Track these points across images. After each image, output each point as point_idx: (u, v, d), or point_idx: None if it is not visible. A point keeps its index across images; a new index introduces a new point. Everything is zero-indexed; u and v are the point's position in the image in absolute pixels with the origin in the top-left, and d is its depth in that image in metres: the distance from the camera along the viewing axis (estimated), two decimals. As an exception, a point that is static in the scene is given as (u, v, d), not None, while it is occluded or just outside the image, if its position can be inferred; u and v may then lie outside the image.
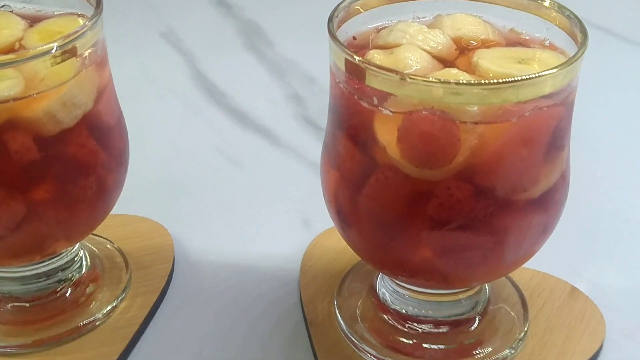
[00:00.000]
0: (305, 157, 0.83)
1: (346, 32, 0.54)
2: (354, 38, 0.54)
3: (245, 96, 0.93)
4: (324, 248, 0.68)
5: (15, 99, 0.48)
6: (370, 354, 0.57)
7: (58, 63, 0.49)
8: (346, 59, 0.47)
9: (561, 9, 0.52)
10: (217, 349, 0.60)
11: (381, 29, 0.56)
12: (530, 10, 0.54)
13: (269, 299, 0.65)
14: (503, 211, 0.48)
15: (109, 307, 0.61)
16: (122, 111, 0.59)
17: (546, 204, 0.51)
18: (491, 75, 0.48)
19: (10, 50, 0.54)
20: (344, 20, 0.53)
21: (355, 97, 0.48)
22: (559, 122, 0.49)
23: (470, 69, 0.50)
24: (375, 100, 0.46)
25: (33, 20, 0.57)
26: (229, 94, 0.94)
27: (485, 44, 0.54)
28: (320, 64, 0.59)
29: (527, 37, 0.55)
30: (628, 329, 0.61)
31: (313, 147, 0.84)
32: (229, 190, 0.78)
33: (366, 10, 0.55)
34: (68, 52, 0.49)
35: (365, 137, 0.49)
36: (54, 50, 0.48)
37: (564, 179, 0.52)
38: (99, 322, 0.60)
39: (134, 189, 0.64)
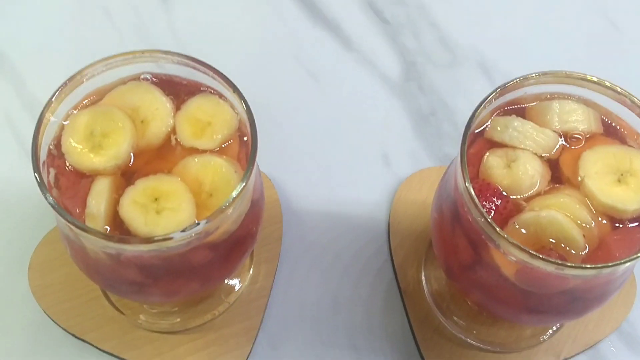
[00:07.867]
0: (376, 66, 0.90)
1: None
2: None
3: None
4: (408, 202, 0.80)
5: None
6: (454, 331, 0.73)
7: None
8: (489, 225, 0.55)
9: None
10: (329, 310, 0.75)
11: (496, 114, 0.62)
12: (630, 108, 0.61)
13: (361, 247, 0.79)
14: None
15: (242, 278, 0.74)
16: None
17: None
18: (595, 202, 0.58)
19: (166, 143, 0.60)
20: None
21: (483, 237, 0.57)
22: None
23: (575, 174, 0.60)
24: (502, 250, 0.56)
25: (169, 90, 0.62)
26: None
27: (589, 141, 0.61)
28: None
29: (623, 123, 0.62)
30: None
31: (383, 52, 0.91)
32: (313, 121, 0.87)
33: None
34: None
35: (480, 248, 0.59)
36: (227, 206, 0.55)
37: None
38: (238, 295, 0.74)
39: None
